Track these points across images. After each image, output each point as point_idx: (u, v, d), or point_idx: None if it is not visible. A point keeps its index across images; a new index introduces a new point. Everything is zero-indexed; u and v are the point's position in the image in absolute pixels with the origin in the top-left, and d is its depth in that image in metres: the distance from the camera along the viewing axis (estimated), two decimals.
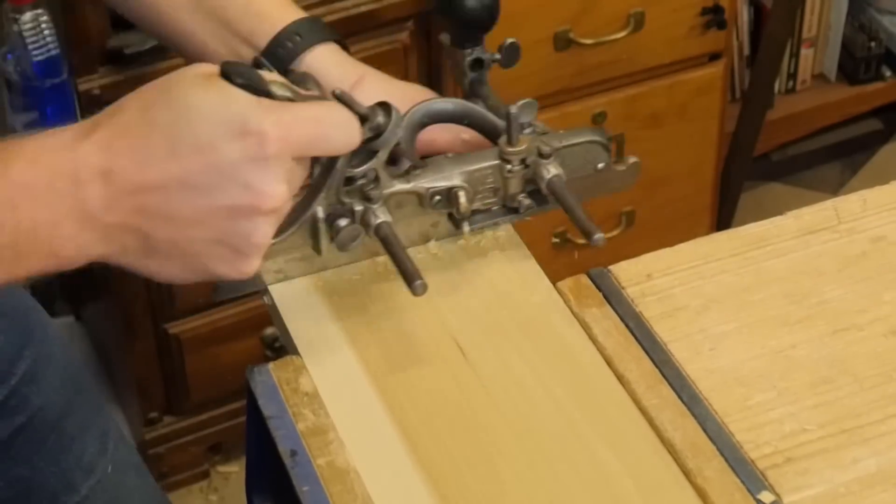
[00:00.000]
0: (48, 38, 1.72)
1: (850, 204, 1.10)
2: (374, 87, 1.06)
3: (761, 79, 2.41)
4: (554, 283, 1.03)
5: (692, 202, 2.33)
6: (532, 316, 1.01)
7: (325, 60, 1.08)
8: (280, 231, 0.92)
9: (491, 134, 1.05)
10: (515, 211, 1.06)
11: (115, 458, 1.33)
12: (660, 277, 1.04)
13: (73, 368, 1.31)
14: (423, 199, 1.02)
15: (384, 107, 0.95)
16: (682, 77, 2.18)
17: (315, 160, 0.94)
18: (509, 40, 1.09)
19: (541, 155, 1.03)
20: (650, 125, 2.20)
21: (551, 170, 1.02)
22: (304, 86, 0.91)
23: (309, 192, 0.96)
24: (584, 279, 1.03)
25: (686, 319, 1.01)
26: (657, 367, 0.97)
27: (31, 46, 1.72)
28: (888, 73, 2.65)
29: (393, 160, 0.99)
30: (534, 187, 1.04)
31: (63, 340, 1.32)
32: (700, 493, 0.89)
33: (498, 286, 1.03)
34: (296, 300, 1.02)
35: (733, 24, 2.27)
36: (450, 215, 1.04)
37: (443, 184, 1.02)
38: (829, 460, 0.91)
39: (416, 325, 1.00)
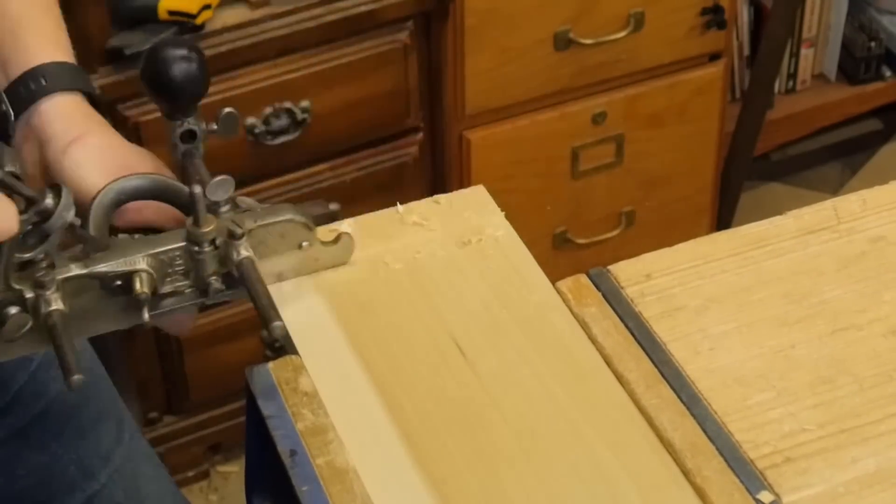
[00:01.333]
0: None
1: (850, 204, 1.10)
2: (93, 148, 1.02)
3: (761, 79, 2.41)
4: (554, 283, 1.03)
5: (692, 202, 2.33)
6: (532, 316, 1.01)
7: (56, 111, 1.04)
8: None
9: (189, 211, 0.99)
10: (206, 294, 1.01)
11: (130, 448, 1.33)
12: (659, 277, 1.04)
13: (89, 356, 1.31)
14: (105, 284, 0.97)
15: (55, 189, 0.92)
16: (682, 77, 2.19)
17: None
18: (226, 110, 1.02)
19: (231, 236, 0.98)
20: (650, 125, 2.20)
21: (242, 251, 0.97)
22: (1, 160, 0.89)
23: None
24: (583, 279, 1.04)
25: (685, 319, 1.01)
26: (656, 366, 0.97)
27: None
28: (888, 73, 2.65)
29: (78, 242, 0.95)
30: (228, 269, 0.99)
31: None
32: (699, 492, 0.89)
33: (498, 286, 1.03)
34: (296, 300, 1.02)
35: (733, 24, 2.27)
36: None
37: (123, 268, 0.97)
38: (828, 460, 0.91)
39: (416, 325, 1.00)
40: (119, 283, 0.97)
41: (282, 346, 1.02)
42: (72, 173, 1.00)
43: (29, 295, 0.94)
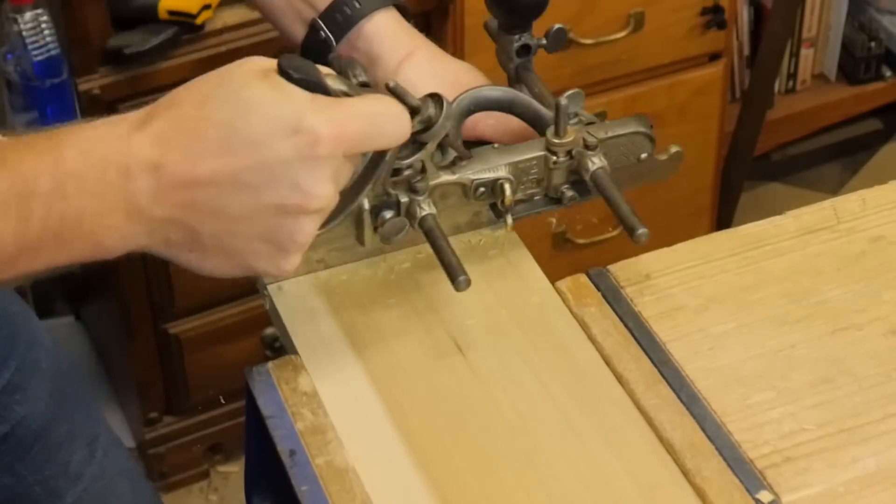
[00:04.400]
0: (48, 38, 1.72)
1: (850, 204, 1.10)
2: (424, 64, 1.07)
3: (761, 79, 2.41)
4: (553, 283, 1.03)
5: (692, 202, 2.33)
6: (531, 316, 1.01)
7: (382, 30, 1.08)
8: (325, 221, 0.91)
9: (535, 123, 1.04)
10: (558, 201, 1.05)
11: (104, 465, 1.32)
12: (659, 277, 1.04)
13: (61, 375, 1.30)
14: (467, 191, 1.01)
15: (435, 98, 0.94)
16: (682, 77, 2.18)
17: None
18: (556, 26, 1.09)
19: (586, 146, 1.02)
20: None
21: (596, 161, 1.02)
22: (352, 71, 0.90)
23: (356, 184, 0.94)
24: (583, 279, 1.04)
25: (685, 319, 1.01)
26: (656, 366, 0.97)
27: (31, 46, 1.72)
28: (888, 73, 2.65)
29: (439, 150, 0.99)
30: (577, 178, 1.03)
31: (51, 346, 1.30)
32: (699, 492, 0.89)
33: (498, 286, 1.03)
34: (296, 300, 1.02)
35: (733, 24, 2.27)
36: (492, 206, 1.04)
37: (488, 175, 1.01)
38: (828, 460, 0.91)
39: (415, 325, 1.00)
40: (482, 190, 1.01)
41: (281, 346, 1.02)
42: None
43: (403, 199, 0.97)
